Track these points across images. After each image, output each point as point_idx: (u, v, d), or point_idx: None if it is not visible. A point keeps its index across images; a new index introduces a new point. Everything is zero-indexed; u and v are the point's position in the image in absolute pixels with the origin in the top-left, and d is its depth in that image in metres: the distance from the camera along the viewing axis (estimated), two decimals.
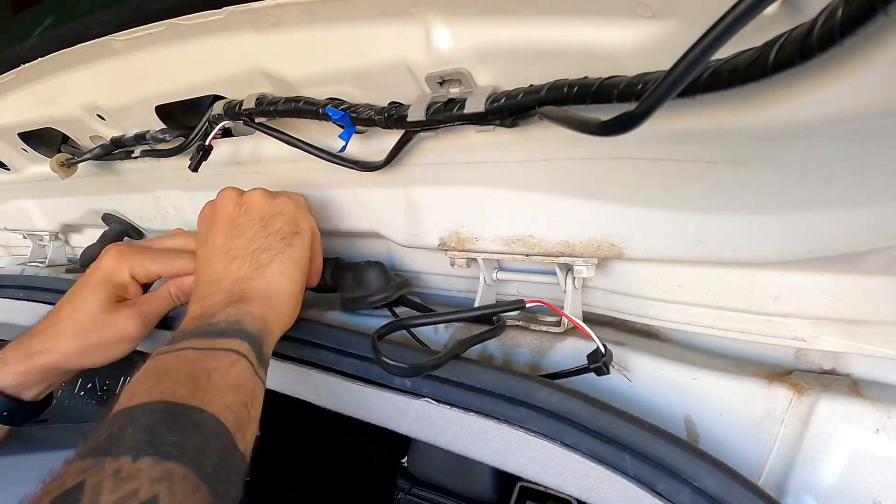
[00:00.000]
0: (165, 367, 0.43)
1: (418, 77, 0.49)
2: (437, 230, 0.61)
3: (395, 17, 0.46)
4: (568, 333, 0.54)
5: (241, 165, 0.71)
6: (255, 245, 0.55)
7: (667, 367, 0.49)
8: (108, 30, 0.59)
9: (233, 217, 0.57)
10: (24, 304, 0.89)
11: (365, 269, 0.64)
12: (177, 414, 0.38)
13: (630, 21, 0.37)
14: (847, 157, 0.36)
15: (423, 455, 0.91)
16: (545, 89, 0.41)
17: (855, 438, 0.41)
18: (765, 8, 0.25)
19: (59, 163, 0.85)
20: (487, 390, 0.47)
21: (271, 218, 0.57)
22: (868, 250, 0.41)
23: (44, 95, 0.76)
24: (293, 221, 0.57)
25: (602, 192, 0.50)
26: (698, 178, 0.44)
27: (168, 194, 0.86)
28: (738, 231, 0.45)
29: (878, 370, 0.46)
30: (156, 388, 0.40)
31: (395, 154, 0.55)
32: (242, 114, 0.60)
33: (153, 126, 0.73)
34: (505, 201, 0.56)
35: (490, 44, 0.43)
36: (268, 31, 0.53)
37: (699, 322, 0.53)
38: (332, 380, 0.56)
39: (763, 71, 0.29)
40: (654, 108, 0.30)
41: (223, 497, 0.36)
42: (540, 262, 0.56)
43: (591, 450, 0.42)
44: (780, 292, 0.48)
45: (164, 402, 0.39)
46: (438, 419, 0.49)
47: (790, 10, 0.30)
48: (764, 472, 0.43)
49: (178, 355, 0.45)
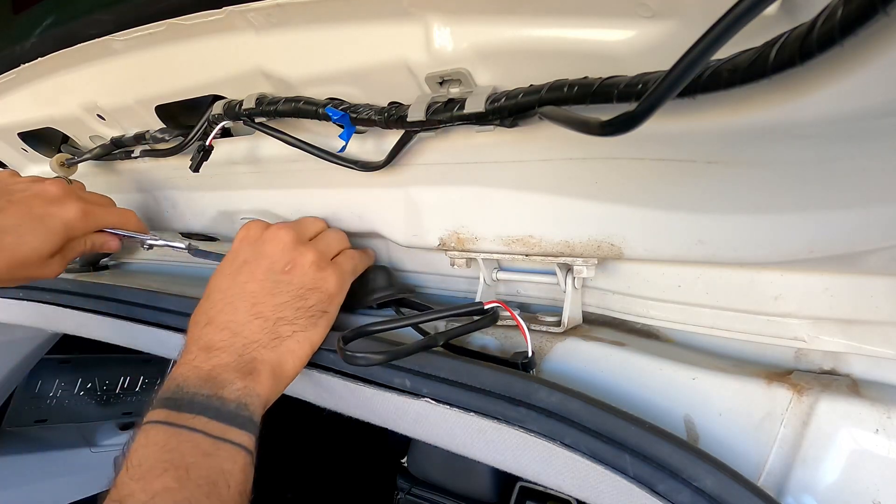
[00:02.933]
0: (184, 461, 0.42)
1: (418, 77, 0.49)
2: (437, 230, 0.61)
3: (395, 17, 0.46)
4: (568, 333, 0.54)
5: (242, 165, 0.71)
6: (282, 313, 0.53)
7: (667, 367, 0.49)
8: (108, 30, 0.59)
9: (276, 270, 0.55)
10: (24, 304, 0.89)
11: (369, 272, 0.64)
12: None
13: (630, 21, 0.37)
14: (847, 157, 0.36)
15: (423, 455, 0.91)
16: (545, 89, 0.41)
17: (855, 438, 0.41)
18: (765, 8, 0.25)
19: (59, 163, 0.85)
20: (487, 390, 0.47)
21: (310, 290, 0.55)
22: (868, 250, 0.41)
23: (44, 95, 0.76)
24: (328, 301, 0.56)
25: (602, 192, 0.50)
26: (698, 178, 0.44)
27: (168, 194, 0.86)
28: (738, 231, 0.45)
29: (878, 370, 0.46)
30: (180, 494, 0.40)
31: (395, 154, 0.55)
32: (242, 114, 0.60)
33: (153, 126, 0.73)
34: (505, 201, 0.56)
35: (490, 44, 0.43)
36: (268, 31, 0.53)
37: (699, 322, 0.53)
38: (332, 380, 0.56)
39: (763, 71, 0.29)
40: (654, 108, 0.30)
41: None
42: (540, 262, 0.56)
43: (591, 450, 0.42)
44: (780, 292, 0.48)
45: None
46: (438, 419, 0.49)
47: (790, 10, 0.30)
48: (764, 472, 0.43)
49: (193, 441, 0.44)
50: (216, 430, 0.45)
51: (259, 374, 0.50)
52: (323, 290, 0.56)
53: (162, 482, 0.40)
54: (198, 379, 0.48)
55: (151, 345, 0.74)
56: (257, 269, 0.55)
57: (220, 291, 0.55)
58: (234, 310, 0.53)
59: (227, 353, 0.50)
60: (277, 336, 0.52)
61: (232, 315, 0.53)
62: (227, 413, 0.46)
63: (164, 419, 0.45)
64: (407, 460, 1.06)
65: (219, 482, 0.42)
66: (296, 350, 0.53)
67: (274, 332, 0.52)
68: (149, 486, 0.39)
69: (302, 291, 0.55)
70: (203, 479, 0.41)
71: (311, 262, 0.56)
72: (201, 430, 0.45)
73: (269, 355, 0.51)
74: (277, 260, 0.55)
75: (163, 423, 0.45)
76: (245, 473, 0.45)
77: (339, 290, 0.57)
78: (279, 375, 0.52)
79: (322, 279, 0.56)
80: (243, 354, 0.51)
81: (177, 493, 0.39)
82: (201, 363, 0.50)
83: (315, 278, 0.55)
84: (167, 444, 0.43)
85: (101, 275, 1.04)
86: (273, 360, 0.51)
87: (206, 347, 0.51)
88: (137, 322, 0.74)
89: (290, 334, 0.53)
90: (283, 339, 0.52)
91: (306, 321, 0.54)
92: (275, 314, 0.53)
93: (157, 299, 0.73)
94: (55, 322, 0.87)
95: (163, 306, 0.72)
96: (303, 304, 0.54)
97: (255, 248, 0.57)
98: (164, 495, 0.39)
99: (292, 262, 0.55)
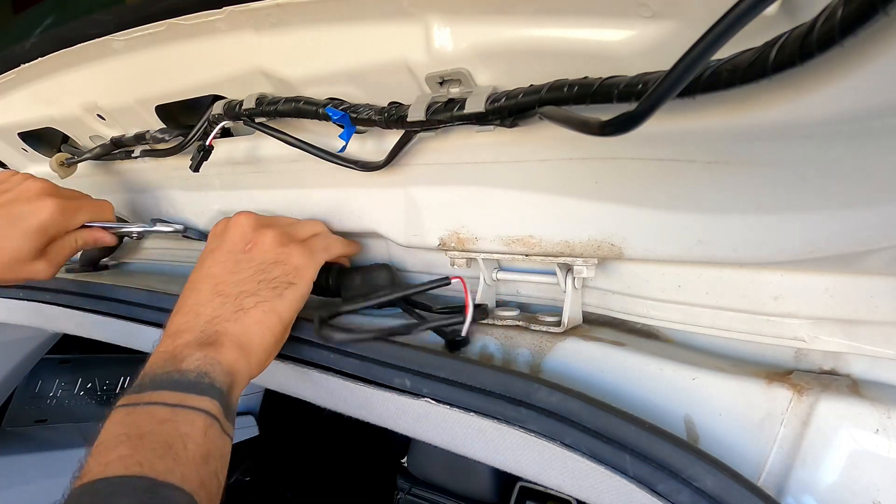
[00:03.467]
0: (139, 430, 0.42)
1: (418, 77, 0.49)
2: (437, 230, 0.61)
3: (395, 17, 0.46)
4: (568, 333, 0.54)
5: (242, 165, 0.71)
6: (244, 287, 0.53)
7: (667, 367, 0.49)
8: (108, 30, 0.59)
9: (236, 250, 0.56)
10: (24, 304, 0.89)
11: (371, 270, 0.64)
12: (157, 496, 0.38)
13: (630, 21, 0.37)
14: (847, 157, 0.36)
15: (423, 455, 0.91)
16: (545, 89, 0.41)
17: (855, 438, 0.41)
18: (765, 8, 0.25)
19: (59, 163, 0.85)
20: (487, 390, 0.47)
21: (272, 265, 0.55)
22: (868, 250, 0.41)
23: (44, 95, 0.76)
24: (294, 273, 0.55)
25: (602, 192, 0.50)
26: (698, 178, 0.44)
27: (168, 194, 0.86)
28: (737, 231, 0.45)
29: (878, 370, 0.46)
30: (132, 459, 0.39)
31: (395, 154, 0.55)
32: (242, 114, 0.60)
33: (153, 126, 0.73)
34: (505, 201, 0.56)
35: (490, 44, 0.43)
36: (268, 31, 0.53)
37: (699, 322, 0.53)
38: (332, 380, 0.56)
39: (763, 71, 0.29)
40: (654, 108, 0.30)
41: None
42: (540, 262, 0.56)
43: (591, 450, 0.42)
44: (779, 292, 0.48)
45: (143, 479, 0.38)
46: (438, 419, 0.49)
47: (790, 10, 0.30)
48: (764, 472, 0.43)
49: (150, 412, 0.43)
50: (173, 400, 0.45)
51: (221, 344, 0.49)
52: (287, 263, 0.55)
53: (116, 452, 0.40)
54: (162, 361, 0.48)
55: (151, 345, 0.74)
56: (219, 254, 0.56)
57: (188, 283, 0.56)
58: (197, 293, 0.53)
59: (189, 333, 0.50)
60: (240, 308, 0.52)
61: (195, 298, 0.53)
62: (186, 383, 0.46)
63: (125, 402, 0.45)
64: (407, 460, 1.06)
65: (175, 444, 0.41)
66: (262, 320, 0.52)
67: (236, 305, 0.52)
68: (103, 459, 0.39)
69: (263, 266, 0.54)
70: (158, 443, 0.41)
71: (271, 239, 0.56)
72: (159, 402, 0.44)
73: (232, 327, 0.51)
74: (238, 241, 0.56)
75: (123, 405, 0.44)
76: (206, 436, 0.43)
77: (307, 263, 0.56)
78: (246, 345, 0.51)
79: (285, 253, 0.56)
80: (205, 330, 0.50)
81: (129, 459, 0.39)
82: (167, 347, 0.50)
83: (277, 252, 0.55)
84: (124, 421, 0.43)
85: (101, 275, 1.04)
86: (237, 330, 0.51)
87: (172, 333, 0.51)
88: (137, 322, 0.74)
89: (254, 305, 0.52)
90: (246, 311, 0.51)
91: (270, 292, 0.53)
92: (236, 289, 0.53)
93: (157, 299, 0.73)
94: (55, 322, 0.87)
95: (163, 306, 0.72)
96: (265, 276, 0.54)
97: (220, 237, 0.58)
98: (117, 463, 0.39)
99: (252, 241, 0.56)
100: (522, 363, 0.55)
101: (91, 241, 0.70)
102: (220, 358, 0.48)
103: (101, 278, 0.98)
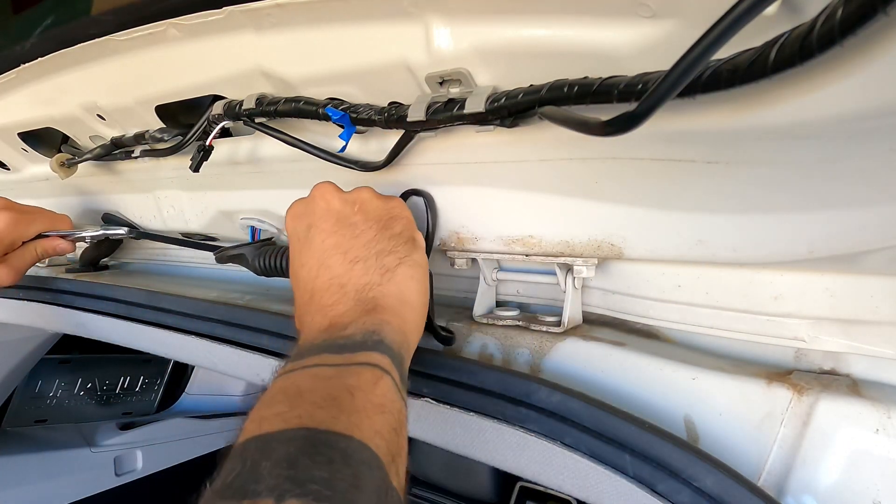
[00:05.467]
0: (298, 388, 0.37)
1: (418, 77, 0.49)
2: (438, 230, 0.61)
3: (395, 17, 0.46)
4: (568, 333, 0.54)
5: (242, 165, 0.71)
6: (378, 247, 0.48)
7: (667, 367, 0.49)
8: (108, 30, 0.59)
9: (345, 215, 0.50)
10: (24, 304, 0.89)
11: None
12: (320, 443, 0.32)
13: (630, 21, 0.37)
14: (847, 157, 0.36)
15: (423, 455, 0.91)
16: (545, 89, 0.41)
17: (855, 438, 0.41)
18: (765, 8, 0.25)
19: (59, 163, 0.85)
20: (487, 390, 0.47)
21: (389, 220, 0.50)
22: (868, 250, 0.41)
23: (44, 95, 0.76)
24: (410, 225, 0.52)
25: (602, 192, 0.50)
26: (698, 178, 0.44)
27: (168, 194, 0.86)
28: (737, 231, 0.45)
29: (878, 370, 0.46)
30: (291, 413, 0.34)
31: (395, 154, 0.55)
32: (242, 114, 0.60)
33: (153, 126, 0.73)
34: (505, 201, 0.56)
35: (490, 44, 0.43)
36: (268, 31, 0.53)
37: (699, 322, 0.53)
38: None
39: (763, 71, 0.29)
40: (654, 108, 0.30)
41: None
42: (540, 262, 0.56)
43: (591, 450, 0.42)
44: (779, 292, 0.48)
45: (303, 429, 0.33)
46: (438, 419, 0.49)
47: (790, 10, 0.30)
48: (764, 472, 0.43)
49: (310, 372, 0.39)
50: (339, 360, 0.40)
51: (383, 308, 0.45)
52: (401, 216, 0.51)
53: (273, 409, 0.35)
54: (318, 332, 0.44)
55: (151, 345, 0.74)
56: (327, 224, 0.50)
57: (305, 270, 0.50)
58: (328, 269, 0.48)
59: (342, 305, 0.46)
60: (386, 269, 0.47)
61: (328, 273, 0.48)
62: (352, 343, 0.41)
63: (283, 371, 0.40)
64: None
65: (340, 395, 0.36)
66: (413, 275, 0.48)
67: (380, 266, 0.47)
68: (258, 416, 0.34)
69: (383, 221, 0.50)
70: (320, 396, 0.36)
71: (372, 194, 0.52)
72: (323, 364, 0.40)
73: (387, 289, 0.46)
74: (340, 208, 0.51)
75: (283, 374, 0.40)
76: (378, 386, 0.38)
77: (408, 212, 0.53)
78: (405, 305, 0.47)
79: (395, 206, 0.52)
80: (361, 299, 0.46)
81: (287, 414, 0.34)
82: (319, 322, 0.45)
83: (387, 207, 0.51)
84: (284, 384, 0.38)
85: (101, 275, 1.04)
86: (393, 291, 0.47)
87: (319, 310, 0.46)
88: (137, 322, 0.74)
89: (398, 263, 0.48)
90: (393, 271, 0.47)
91: (404, 246, 0.49)
92: (370, 251, 0.48)
93: (157, 299, 0.73)
94: (55, 322, 0.87)
95: (163, 306, 0.72)
96: (391, 232, 0.50)
97: (309, 216, 0.52)
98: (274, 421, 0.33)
99: (353, 202, 0.51)
100: (522, 363, 0.55)
101: (50, 249, 0.77)
102: (388, 318, 0.44)
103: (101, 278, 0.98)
